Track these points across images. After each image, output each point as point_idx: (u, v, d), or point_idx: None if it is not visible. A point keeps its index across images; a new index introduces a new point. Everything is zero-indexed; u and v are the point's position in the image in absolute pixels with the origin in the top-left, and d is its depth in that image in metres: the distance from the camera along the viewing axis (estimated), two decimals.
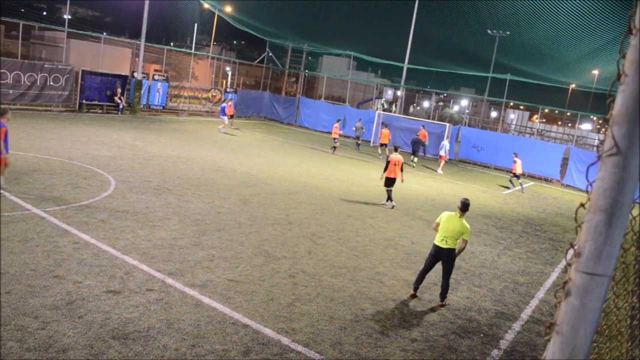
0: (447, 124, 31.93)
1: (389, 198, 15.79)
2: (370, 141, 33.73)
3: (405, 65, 34.74)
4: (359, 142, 30.26)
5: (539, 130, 48.26)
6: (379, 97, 57.52)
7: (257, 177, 17.38)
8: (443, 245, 8.48)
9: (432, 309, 8.51)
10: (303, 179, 18.21)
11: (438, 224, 8.62)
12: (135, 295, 7.36)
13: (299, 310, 7.66)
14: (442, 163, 25.71)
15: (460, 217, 8.44)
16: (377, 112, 35.83)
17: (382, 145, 27.89)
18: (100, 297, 7.13)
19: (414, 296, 8.82)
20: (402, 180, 15.93)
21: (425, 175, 23.45)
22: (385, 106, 47.99)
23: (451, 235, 8.43)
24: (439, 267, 8.87)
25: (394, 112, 38.79)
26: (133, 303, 7.10)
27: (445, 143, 26.24)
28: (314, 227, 12.29)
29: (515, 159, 22.81)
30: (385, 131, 27.66)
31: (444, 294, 8.67)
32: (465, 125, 39.74)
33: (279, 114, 39.92)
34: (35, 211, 10.39)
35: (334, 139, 26.70)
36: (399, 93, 40.62)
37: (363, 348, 6.88)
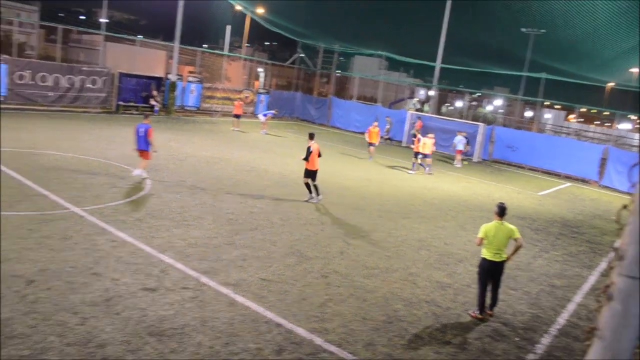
0: (481, 124, 31.50)
1: (311, 191, 14.44)
2: (401, 141, 33.52)
3: (438, 65, 34.40)
4: (387, 137, 30.58)
5: (576, 130, 47.16)
6: (411, 97, 57.10)
7: (290, 177, 17.46)
8: (497, 259, 8.13)
9: (467, 312, 8.41)
10: (335, 179, 18.22)
11: (482, 239, 8.19)
12: (171, 293, 7.50)
13: (331, 311, 7.68)
14: (459, 157, 26.48)
15: (502, 222, 8.22)
16: (409, 112, 35.59)
17: (418, 155, 22.69)
18: (137, 295, 7.29)
19: (482, 319, 8.21)
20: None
21: (458, 176, 23.19)
22: (418, 106, 47.57)
23: (504, 245, 8.13)
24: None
25: (427, 112, 38.43)
26: (168, 301, 7.24)
27: (461, 137, 26.70)
28: (346, 228, 12.29)
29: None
30: (428, 140, 22.56)
31: (494, 305, 8.44)
32: (499, 125, 39.10)
33: (311, 115, 40.02)
34: (74, 210, 10.67)
35: (372, 143, 24.18)
36: (431, 93, 40.23)
37: (396, 349, 6.86)
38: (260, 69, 47.45)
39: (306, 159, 14.27)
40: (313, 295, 8.15)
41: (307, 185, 14.41)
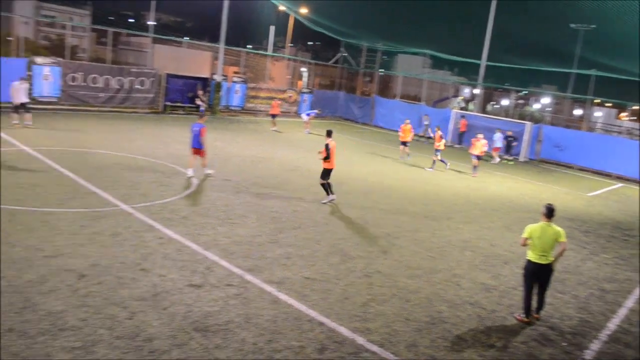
0: (527, 123, 30.76)
1: (329, 192, 13.90)
2: (445, 140, 33.09)
3: (483, 63, 33.78)
4: (426, 135, 30.28)
5: (628, 128, 45.47)
6: (455, 95, 56.28)
7: (333, 176, 17.45)
8: (543, 261, 7.92)
9: (512, 315, 8.23)
10: (378, 178, 18.15)
11: (527, 239, 7.99)
12: (216, 289, 7.63)
13: (374, 310, 7.66)
14: (496, 154, 26.40)
15: (549, 224, 8.00)
16: (453, 110, 35.10)
17: (437, 152, 21.94)
18: (183, 291, 7.46)
19: (528, 323, 8.01)
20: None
21: (504, 176, 22.73)
22: (462, 105, 46.82)
23: (549, 247, 7.91)
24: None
25: (471, 111, 37.82)
26: (213, 297, 7.37)
27: (499, 134, 26.75)
28: (389, 227, 12.23)
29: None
30: (478, 142, 21.54)
31: (540, 308, 8.24)
32: (546, 123, 38.11)
33: (354, 114, 39.96)
34: (123, 207, 11.00)
35: (405, 142, 23.39)
36: (476, 91, 39.51)
37: (439, 351, 6.79)
38: (303, 69, 47.70)
39: (327, 157, 13.54)
40: (356, 294, 8.15)
41: (325, 185, 13.75)
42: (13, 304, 6.49)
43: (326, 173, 13.77)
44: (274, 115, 28.62)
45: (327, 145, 13.55)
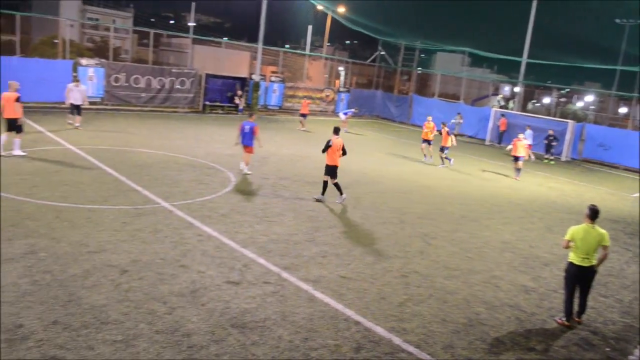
0: (570, 121, 29.98)
1: (324, 192, 13.40)
2: (485, 139, 32.59)
3: (524, 60, 33.10)
4: (455, 134, 30.00)
5: None
6: (495, 93, 55.30)
7: (370, 175, 17.46)
8: (586, 264, 7.69)
9: (552, 318, 8.05)
10: (415, 177, 18.01)
11: (569, 242, 7.78)
12: (253, 287, 7.72)
13: (410, 311, 7.61)
14: (528, 151, 25.35)
15: (592, 226, 7.78)
16: (493, 109, 34.52)
17: (445, 149, 21.27)
18: (221, 287, 7.57)
19: (569, 326, 7.82)
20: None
21: (545, 176, 22.23)
22: (502, 103, 46.00)
23: (593, 250, 7.69)
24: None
25: (512, 109, 37.09)
26: (251, 294, 7.46)
27: (530, 132, 26.12)
28: (427, 227, 12.12)
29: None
30: (519, 143, 20.48)
31: (582, 312, 8.03)
32: (590, 122, 37.11)
33: (391, 113, 39.75)
34: (164, 205, 11.23)
35: (427, 140, 22.07)
36: (516, 89, 38.73)
37: (476, 353, 6.70)
38: (340, 68, 47.71)
39: (324, 150, 13.26)
40: (392, 294, 8.12)
41: (325, 184, 13.30)
42: (58, 297, 6.71)
43: (328, 170, 13.30)
44: (304, 115, 28.20)
45: (328, 142, 13.20)
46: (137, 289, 7.20)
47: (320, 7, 40.95)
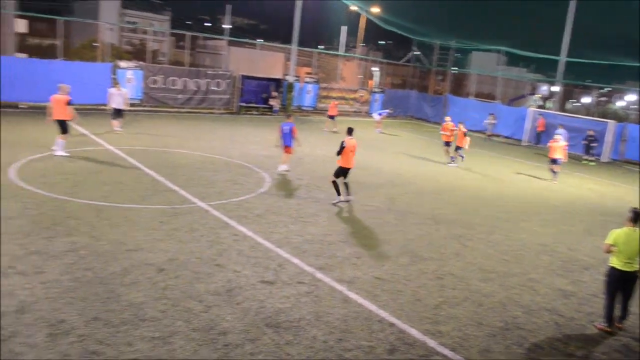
0: (610, 121, 29.17)
1: (340, 192, 12.86)
2: (521, 140, 31.99)
3: (562, 59, 32.36)
4: (489, 134, 30.04)
5: None
6: (532, 93, 54.28)
7: (404, 176, 17.35)
8: (628, 269, 7.44)
9: (592, 323, 7.84)
10: (450, 178, 17.82)
11: (610, 246, 7.54)
12: (287, 286, 7.77)
13: (445, 313, 7.53)
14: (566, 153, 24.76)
15: (635, 229, 7.54)
16: (530, 109, 33.87)
17: (458, 149, 20.57)
18: (256, 287, 7.64)
19: (609, 332, 7.60)
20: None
21: (585, 177, 21.69)
22: (540, 103, 45.11)
23: (635, 254, 7.38)
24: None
25: (549, 109, 36.32)
26: (285, 294, 7.50)
27: (562, 130, 25.29)
28: (462, 229, 11.97)
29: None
30: (556, 144, 19.67)
31: (623, 318, 7.80)
32: (632, 122, 35.97)
33: (426, 113, 39.41)
34: (200, 205, 11.40)
35: (448, 143, 21.02)
36: (554, 88, 37.90)
37: (514, 358, 6.58)
38: (374, 68, 47.56)
39: (338, 153, 12.76)
40: (427, 296, 8.05)
41: (335, 184, 12.80)
42: (98, 294, 6.88)
43: (340, 171, 12.81)
44: (332, 117, 27.15)
45: (342, 143, 12.76)
46: (173, 287, 7.33)
47: (353, 8, 40.93)
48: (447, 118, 22.31)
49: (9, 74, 22.22)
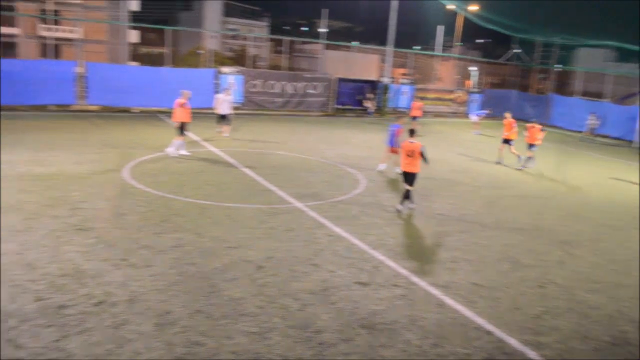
0: None
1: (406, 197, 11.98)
2: (632, 141, 29.75)
3: None
4: (591, 135, 28.41)
5: None
6: None
7: (502, 179, 16.75)
8: None
9: None
10: (554, 183, 16.95)
11: None
12: (382, 289, 7.77)
13: (547, 324, 7.20)
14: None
15: None
16: None
17: (532, 147, 19.10)
18: (351, 287, 7.71)
19: None
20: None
21: None
22: None
23: None
24: None
25: None
26: (380, 296, 7.51)
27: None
28: (566, 235, 11.36)
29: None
30: None
31: None
32: None
33: (527, 113, 37.65)
34: (297, 205, 11.68)
35: (507, 140, 19.44)
36: None
37: None
38: (472, 68, 46.23)
39: (425, 160, 11.90)
40: (527, 305, 7.73)
41: (408, 192, 11.88)
42: (202, 288, 7.27)
43: (404, 176, 12.02)
44: (414, 118, 25.53)
45: (421, 147, 11.79)
46: (271, 285, 7.57)
47: (450, 7, 40.03)
48: (506, 114, 19.82)
49: (124, 80, 23.96)
